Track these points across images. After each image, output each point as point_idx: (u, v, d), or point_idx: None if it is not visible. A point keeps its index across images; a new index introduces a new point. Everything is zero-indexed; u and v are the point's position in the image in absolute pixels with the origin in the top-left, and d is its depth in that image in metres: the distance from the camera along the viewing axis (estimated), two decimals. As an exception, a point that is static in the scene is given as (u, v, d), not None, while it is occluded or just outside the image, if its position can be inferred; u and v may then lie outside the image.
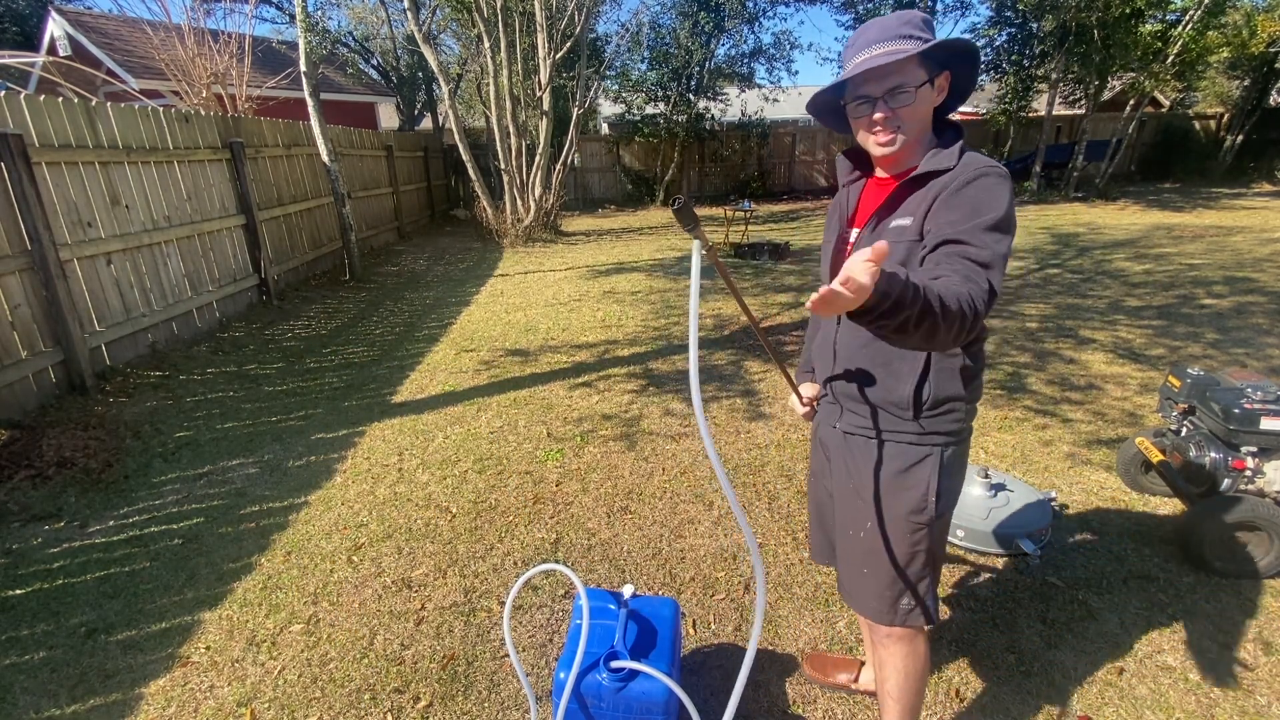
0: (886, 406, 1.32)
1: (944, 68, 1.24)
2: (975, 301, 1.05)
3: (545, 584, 2.30)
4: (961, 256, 1.11)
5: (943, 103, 1.29)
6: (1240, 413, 2.27)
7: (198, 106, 7.36)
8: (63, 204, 3.99)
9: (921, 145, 1.27)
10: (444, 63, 12.28)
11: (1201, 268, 6.90)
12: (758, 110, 15.85)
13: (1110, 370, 4.15)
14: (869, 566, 1.39)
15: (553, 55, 10.10)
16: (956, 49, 1.22)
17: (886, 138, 1.24)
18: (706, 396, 3.88)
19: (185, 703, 1.84)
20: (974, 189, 1.16)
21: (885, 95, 1.21)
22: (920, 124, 1.25)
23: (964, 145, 1.25)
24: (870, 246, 0.99)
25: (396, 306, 6.42)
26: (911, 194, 1.24)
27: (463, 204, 14.13)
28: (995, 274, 1.11)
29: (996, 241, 1.12)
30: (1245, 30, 13.39)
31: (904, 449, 1.32)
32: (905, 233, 1.23)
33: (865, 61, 1.19)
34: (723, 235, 10.08)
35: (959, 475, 1.37)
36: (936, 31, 1.25)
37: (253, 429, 3.61)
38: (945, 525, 1.40)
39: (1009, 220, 1.15)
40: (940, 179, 1.21)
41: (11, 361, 3.54)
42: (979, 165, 1.19)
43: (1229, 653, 1.92)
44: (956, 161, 1.21)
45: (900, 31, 1.21)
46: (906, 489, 1.32)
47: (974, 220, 1.13)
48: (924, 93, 1.21)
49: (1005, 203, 1.14)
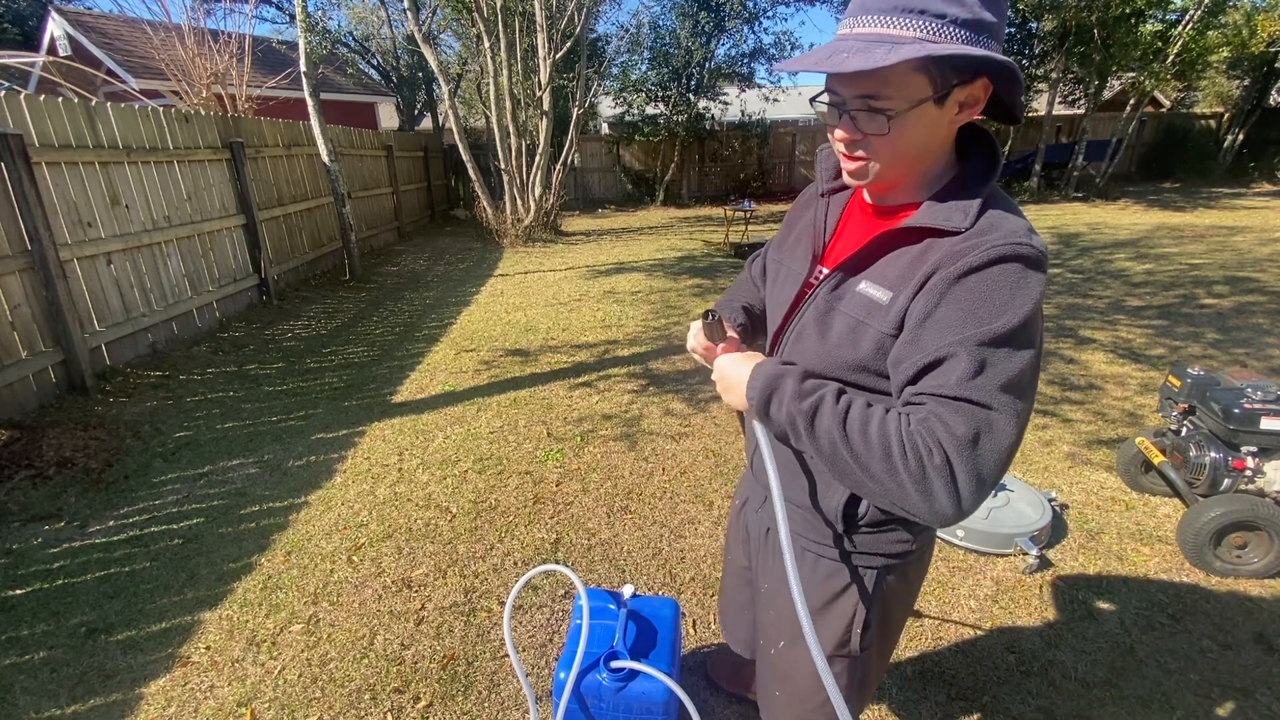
0: (810, 514, 1.02)
1: (978, 72, 0.78)
2: (928, 460, 0.71)
3: (545, 584, 2.30)
4: (935, 390, 0.75)
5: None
6: (1240, 413, 2.27)
7: (198, 106, 7.36)
8: (63, 204, 3.99)
9: (922, 180, 0.87)
10: (444, 63, 12.27)
11: (1203, 267, 6.90)
12: (758, 110, 15.86)
13: (1111, 370, 4.15)
14: (780, 690, 1.16)
15: (553, 55, 10.10)
16: (989, 65, 0.77)
17: (853, 165, 0.85)
18: (707, 395, 3.88)
19: (185, 703, 1.84)
20: (980, 280, 0.75)
21: (855, 104, 0.80)
22: (909, 158, 0.83)
23: (994, 192, 0.82)
24: (733, 362, 0.86)
25: (396, 306, 6.42)
26: (896, 248, 0.85)
27: (463, 204, 14.13)
28: (997, 419, 0.72)
29: (1003, 360, 0.73)
30: (1245, 30, 13.38)
31: (831, 567, 1.02)
32: (875, 313, 0.84)
33: (831, 52, 0.76)
34: (723, 235, 10.09)
35: (903, 603, 1.07)
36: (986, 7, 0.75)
37: (253, 429, 3.61)
38: (884, 653, 1.12)
39: (1027, 332, 0.75)
40: (944, 243, 0.80)
41: (11, 361, 3.54)
42: (1003, 239, 0.76)
43: (1229, 653, 1.92)
44: (972, 221, 0.79)
45: (912, 3, 0.74)
46: (827, 617, 1.03)
47: (969, 328, 0.74)
48: (921, 115, 0.78)
49: (1026, 306, 0.74)
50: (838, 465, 0.79)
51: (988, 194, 0.81)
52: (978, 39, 0.75)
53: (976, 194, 0.81)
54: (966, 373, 0.73)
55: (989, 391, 0.73)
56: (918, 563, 1.05)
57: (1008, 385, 0.73)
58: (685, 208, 15.20)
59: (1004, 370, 0.73)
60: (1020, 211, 0.83)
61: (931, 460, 0.72)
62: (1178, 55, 12.08)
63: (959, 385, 0.73)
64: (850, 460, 0.77)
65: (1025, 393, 0.75)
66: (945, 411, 0.73)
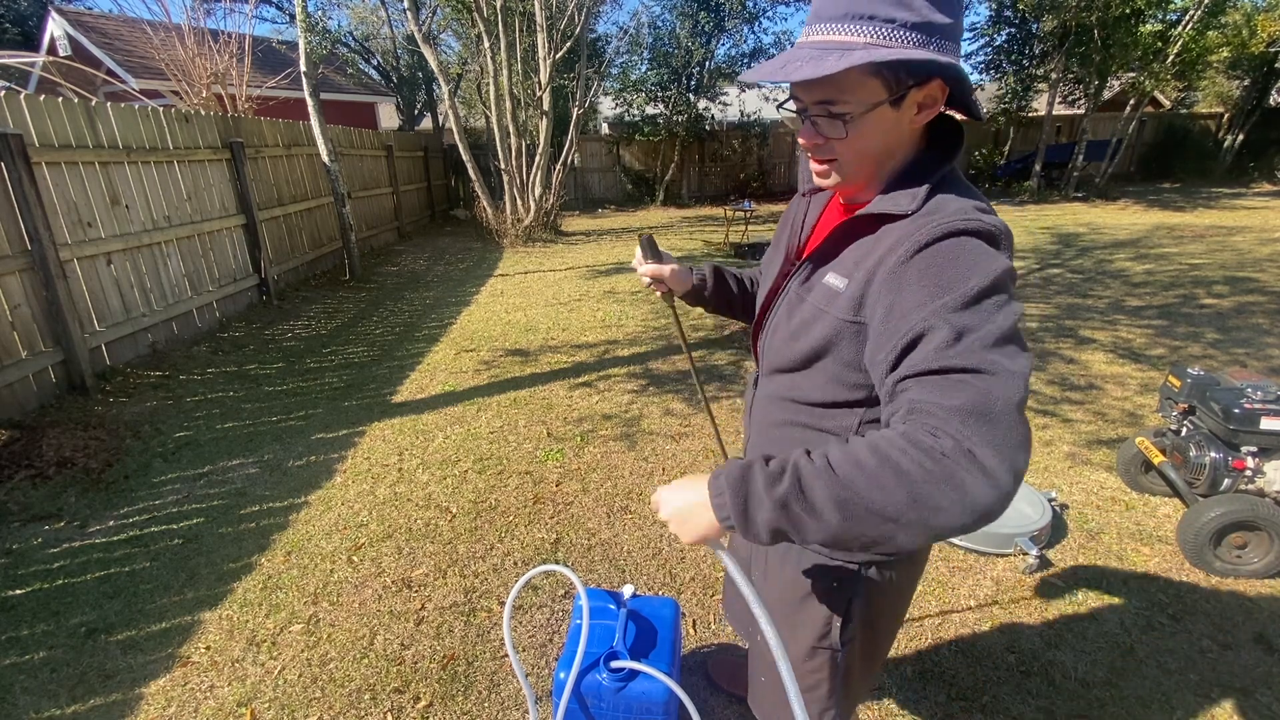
0: None
1: (931, 74, 0.79)
2: (943, 451, 0.64)
3: (545, 584, 2.30)
4: (917, 368, 0.70)
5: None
6: (1240, 413, 2.27)
7: (198, 106, 7.36)
8: (63, 204, 3.99)
9: (888, 174, 0.87)
10: (444, 63, 12.27)
11: (1203, 267, 6.90)
12: (757, 110, 15.86)
13: (1110, 370, 4.15)
14: (766, 676, 1.18)
15: (553, 55, 10.10)
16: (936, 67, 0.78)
17: (819, 168, 0.88)
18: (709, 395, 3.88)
19: (185, 703, 1.84)
20: (931, 255, 0.74)
21: (814, 110, 0.82)
22: (871, 158, 0.84)
23: (947, 177, 0.83)
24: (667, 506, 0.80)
25: (396, 306, 6.42)
26: (856, 239, 0.86)
27: (463, 204, 14.13)
28: (994, 382, 0.66)
29: (984, 320, 0.69)
30: (1245, 30, 13.39)
31: (810, 558, 1.02)
32: (835, 301, 0.85)
33: (785, 61, 0.78)
34: (723, 235, 10.08)
35: (891, 602, 1.06)
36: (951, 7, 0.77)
37: (253, 429, 3.61)
38: (870, 652, 1.10)
39: (1000, 292, 0.72)
40: (895, 228, 0.80)
41: (11, 361, 3.54)
42: (949, 217, 0.76)
43: (1229, 653, 1.92)
44: (919, 205, 0.79)
45: (861, 9, 0.76)
46: (808, 608, 1.04)
47: (936, 299, 0.71)
48: (878, 118, 0.79)
49: (991, 271, 0.72)
50: (855, 524, 0.66)
51: (939, 178, 0.81)
52: (929, 41, 0.76)
53: (925, 179, 0.81)
54: (946, 341, 0.69)
55: (977, 355, 0.67)
56: (906, 562, 1.03)
57: (997, 342, 0.68)
58: (685, 208, 15.20)
59: (988, 330, 0.69)
60: (978, 194, 0.82)
61: (942, 446, 0.64)
62: (1178, 55, 12.08)
63: (940, 356, 0.68)
64: (864, 510, 0.66)
65: (1017, 348, 0.69)
66: (934, 391, 0.67)
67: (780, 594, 1.09)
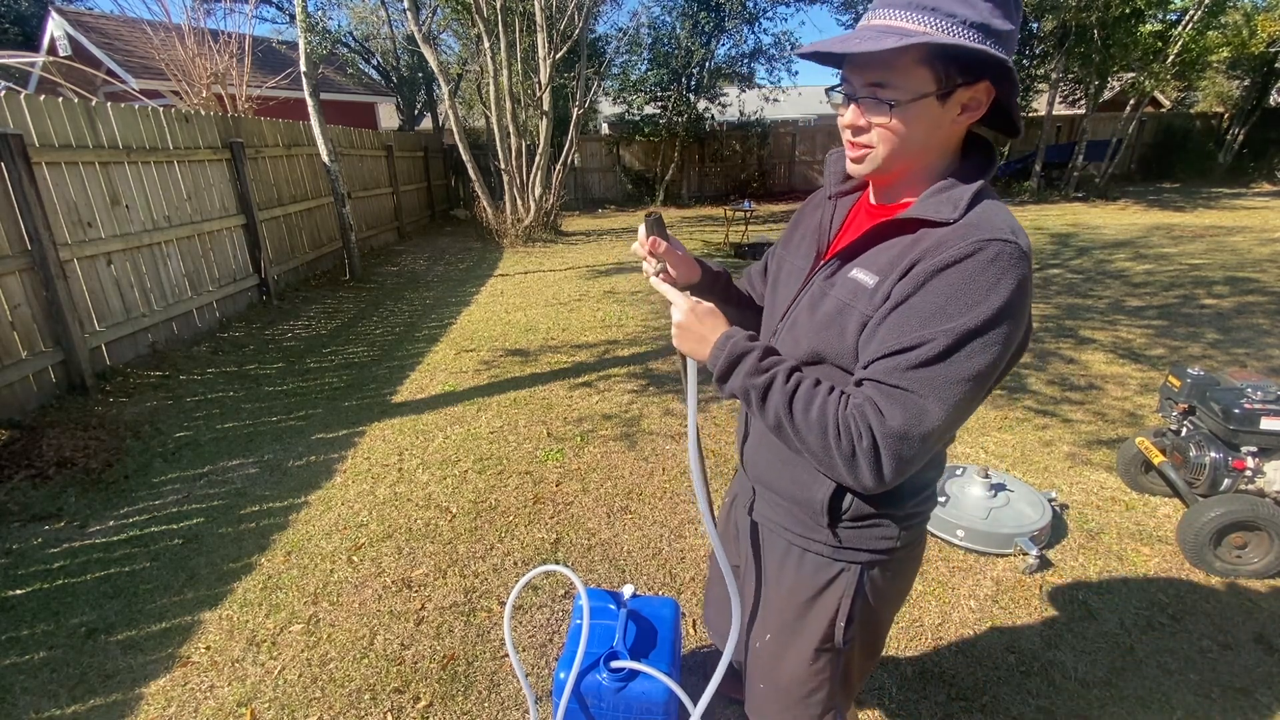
0: (796, 507, 1.03)
1: (980, 75, 0.81)
2: (858, 443, 0.80)
3: (545, 584, 2.30)
4: (883, 376, 0.80)
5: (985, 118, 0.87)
6: (1240, 413, 2.27)
7: (198, 106, 7.36)
8: (63, 204, 3.99)
9: (921, 178, 0.89)
10: (444, 63, 12.27)
11: (1203, 267, 6.90)
12: (757, 110, 15.86)
13: (1111, 370, 4.15)
14: (765, 683, 1.17)
15: (553, 55, 10.10)
16: (989, 63, 0.79)
17: (855, 153, 0.89)
18: (707, 395, 3.88)
19: (185, 703, 1.84)
20: (959, 272, 0.77)
21: (863, 92, 0.84)
22: (909, 151, 0.85)
23: (984, 189, 0.85)
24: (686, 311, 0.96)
25: (396, 306, 6.42)
26: (889, 239, 0.88)
27: (463, 204, 14.13)
28: (929, 405, 0.77)
29: (962, 359, 0.77)
30: (1245, 30, 13.40)
31: (817, 561, 1.04)
32: (860, 295, 0.87)
33: (847, 37, 0.81)
34: (723, 235, 10.09)
35: (890, 600, 1.08)
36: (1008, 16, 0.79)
37: (253, 429, 3.61)
38: (869, 650, 1.14)
39: (994, 328, 0.77)
40: (934, 233, 0.82)
41: (11, 361, 3.54)
42: (987, 233, 0.78)
43: (1229, 653, 1.92)
44: (961, 214, 0.82)
45: (924, 1, 0.78)
46: (812, 611, 1.05)
47: (936, 323, 0.78)
48: (923, 109, 0.81)
49: (997, 302, 0.76)
50: (781, 436, 0.89)
51: (979, 189, 0.84)
52: (985, 42, 0.78)
53: (968, 189, 0.84)
54: (918, 363, 0.78)
55: (934, 385, 0.78)
56: (905, 561, 1.06)
57: (955, 381, 0.78)
58: (685, 208, 15.20)
59: (957, 368, 0.78)
60: (1009, 213, 0.86)
61: (861, 444, 0.80)
62: (1178, 55, 12.09)
63: (904, 375, 0.79)
64: (792, 434, 0.87)
65: (970, 389, 0.79)
66: (884, 400, 0.80)
67: (785, 599, 1.10)
